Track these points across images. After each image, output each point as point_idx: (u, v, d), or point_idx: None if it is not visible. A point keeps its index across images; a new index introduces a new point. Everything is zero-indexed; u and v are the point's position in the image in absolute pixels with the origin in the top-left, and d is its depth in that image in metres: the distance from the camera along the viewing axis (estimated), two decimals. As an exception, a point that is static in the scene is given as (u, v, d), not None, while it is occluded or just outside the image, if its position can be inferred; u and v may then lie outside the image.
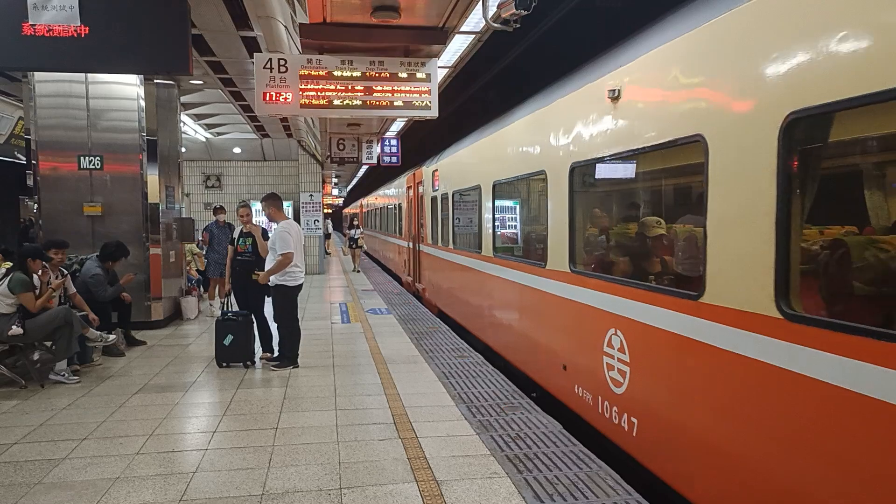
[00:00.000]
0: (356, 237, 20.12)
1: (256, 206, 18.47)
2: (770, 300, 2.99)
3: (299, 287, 6.96)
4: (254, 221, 7.84)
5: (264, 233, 7.57)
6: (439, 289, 11.47)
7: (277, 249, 6.67)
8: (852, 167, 3.21)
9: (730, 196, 3.34)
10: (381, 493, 3.78)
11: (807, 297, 2.97)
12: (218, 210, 10.71)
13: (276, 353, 7.22)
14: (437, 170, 11.36)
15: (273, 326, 7.25)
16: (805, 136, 2.96)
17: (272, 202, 6.98)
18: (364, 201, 34.65)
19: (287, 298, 6.89)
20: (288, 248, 6.67)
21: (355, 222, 21.79)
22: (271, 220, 7.06)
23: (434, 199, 11.58)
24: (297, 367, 6.94)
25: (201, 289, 11.25)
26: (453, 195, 9.92)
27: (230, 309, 7.38)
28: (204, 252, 11.00)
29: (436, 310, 11.80)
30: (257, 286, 7.07)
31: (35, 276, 6.40)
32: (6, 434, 4.88)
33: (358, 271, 19.36)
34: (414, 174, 14.14)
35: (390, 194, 19.97)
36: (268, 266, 6.83)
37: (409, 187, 14.94)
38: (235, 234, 7.76)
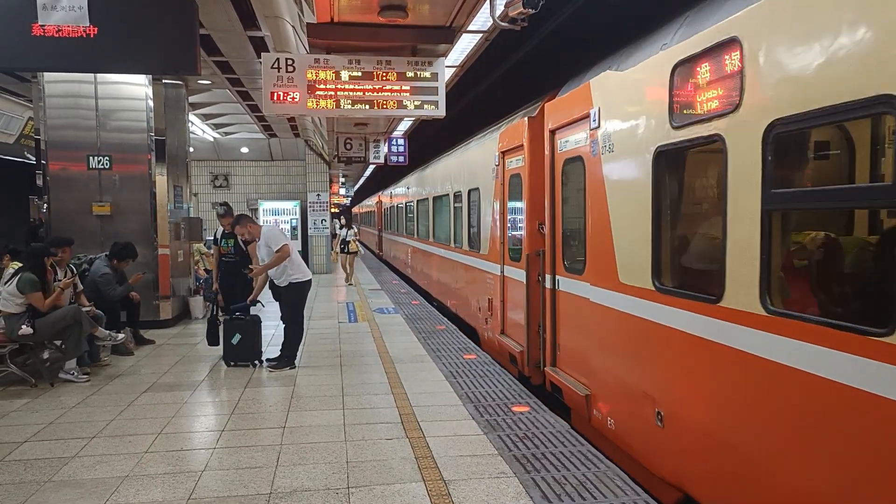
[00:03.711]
0: (348, 240, 15.71)
1: (264, 205, 18.58)
2: None
3: (310, 282, 6.96)
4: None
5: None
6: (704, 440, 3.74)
7: (272, 247, 6.62)
8: None
9: None
10: (388, 492, 3.78)
11: None
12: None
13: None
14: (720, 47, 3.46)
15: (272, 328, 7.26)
16: None
17: (248, 220, 6.92)
18: (385, 196, 24.90)
19: (301, 295, 6.88)
20: (282, 241, 6.66)
21: (342, 221, 16.96)
22: (251, 238, 6.89)
23: (677, 156, 4.04)
24: (294, 367, 6.94)
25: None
26: None
27: (217, 312, 7.44)
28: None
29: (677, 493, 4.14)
30: (245, 285, 7.08)
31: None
32: (16, 432, 4.92)
33: (351, 284, 15.31)
34: (538, 114, 6.50)
35: (445, 176, 11.90)
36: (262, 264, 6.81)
37: (507, 151, 7.47)
38: (217, 235, 7.90)
